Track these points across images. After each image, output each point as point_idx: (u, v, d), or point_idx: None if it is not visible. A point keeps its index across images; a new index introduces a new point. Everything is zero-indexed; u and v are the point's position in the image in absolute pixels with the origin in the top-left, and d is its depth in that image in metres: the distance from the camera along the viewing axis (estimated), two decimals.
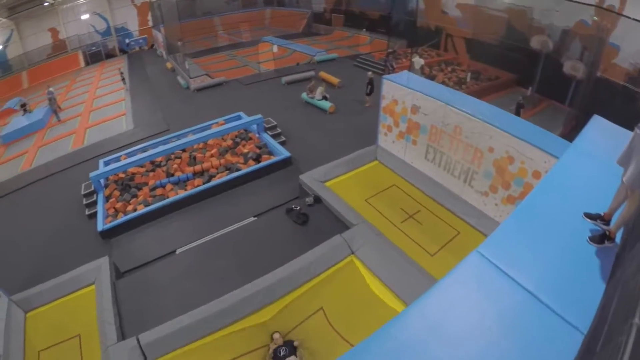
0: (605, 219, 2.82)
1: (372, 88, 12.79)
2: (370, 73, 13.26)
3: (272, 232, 7.20)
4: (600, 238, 2.70)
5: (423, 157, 6.95)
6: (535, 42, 12.19)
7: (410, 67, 13.84)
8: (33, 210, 11.71)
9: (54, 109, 18.52)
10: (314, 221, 7.16)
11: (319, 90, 13.03)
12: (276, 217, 7.57)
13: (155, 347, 5.17)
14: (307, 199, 7.64)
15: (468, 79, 14.50)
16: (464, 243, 5.85)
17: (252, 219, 8.68)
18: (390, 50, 16.29)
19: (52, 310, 6.53)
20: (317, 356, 4.75)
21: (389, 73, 13.09)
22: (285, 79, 15.87)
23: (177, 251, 8.33)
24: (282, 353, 4.53)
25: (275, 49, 17.06)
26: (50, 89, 19.59)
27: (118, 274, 7.55)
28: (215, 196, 9.99)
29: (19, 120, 19.05)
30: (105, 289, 6.46)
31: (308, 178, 7.98)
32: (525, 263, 2.47)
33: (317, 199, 7.52)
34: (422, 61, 14.51)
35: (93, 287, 6.69)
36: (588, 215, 2.89)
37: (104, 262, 7.10)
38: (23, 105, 19.93)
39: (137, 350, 5.14)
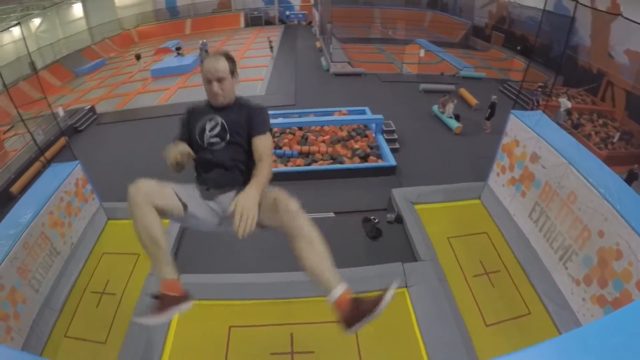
0: None
1: (493, 113, 12.25)
2: (494, 97, 12.60)
3: (340, 235, 7.26)
4: None
5: (527, 214, 6.16)
6: None
7: (557, 113, 12.69)
8: (152, 139, 14.02)
9: (202, 59, 21.55)
10: (385, 240, 7.01)
11: (450, 107, 12.51)
12: (352, 221, 7.62)
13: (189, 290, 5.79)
14: (388, 215, 7.51)
15: (615, 139, 12.43)
16: (528, 326, 5.07)
17: (331, 214, 8.90)
18: (541, 84, 14.73)
19: (127, 226, 7.77)
20: (333, 355, 4.83)
21: (532, 109, 11.89)
22: (423, 86, 15.62)
23: None
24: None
25: (422, 53, 16.88)
26: (204, 41, 22.92)
27: None
28: (309, 180, 10.43)
29: (171, 61, 22.83)
30: (175, 230, 7.45)
31: (399, 194, 7.82)
32: None
33: (399, 219, 7.32)
34: (569, 104, 12.94)
35: (167, 220, 7.74)
36: None
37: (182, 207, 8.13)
38: (178, 49, 23.72)
39: None
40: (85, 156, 13.14)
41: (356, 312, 1.86)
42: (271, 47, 22.24)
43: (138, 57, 22.47)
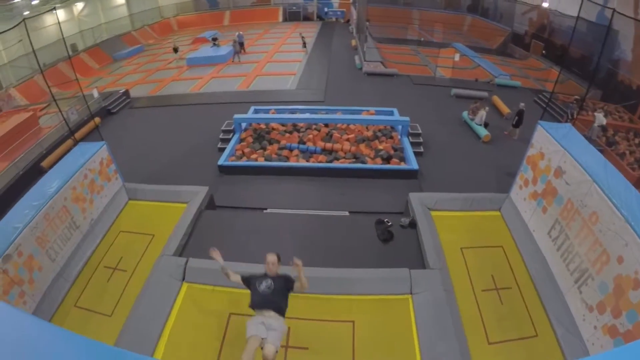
0: None
1: (520, 120, 12.04)
2: (522, 104, 12.26)
3: (351, 234, 7.25)
4: None
5: (547, 231, 5.91)
6: None
7: (591, 128, 12.19)
8: (180, 126, 14.54)
9: (237, 50, 22.03)
10: (396, 244, 6.91)
11: (481, 114, 12.23)
12: (366, 222, 7.57)
13: (196, 274, 6.01)
14: (403, 219, 7.41)
15: None
16: (534, 349, 4.84)
17: (346, 213, 8.92)
18: (577, 97, 14.14)
19: (146, 207, 8.10)
20: (327, 353, 4.83)
21: (566, 121, 11.43)
22: (455, 90, 15.37)
23: (267, 210, 9.23)
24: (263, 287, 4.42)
25: (457, 57, 16.58)
26: (240, 33, 23.34)
27: (211, 205, 8.77)
28: (329, 177, 10.52)
29: (206, 50, 23.46)
30: (191, 211, 7.63)
31: (416, 199, 7.70)
32: None
33: (413, 224, 7.21)
34: (603, 120, 12.38)
35: (185, 205, 7.99)
36: None
37: (202, 190, 8.35)
38: (214, 39, 24.30)
39: (181, 270, 6.03)
40: (115, 137, 13.77)
41: None
42: (304, 44, 22.36)
43: (176, 49, 23.17)
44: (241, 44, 23.17)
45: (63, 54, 22.74)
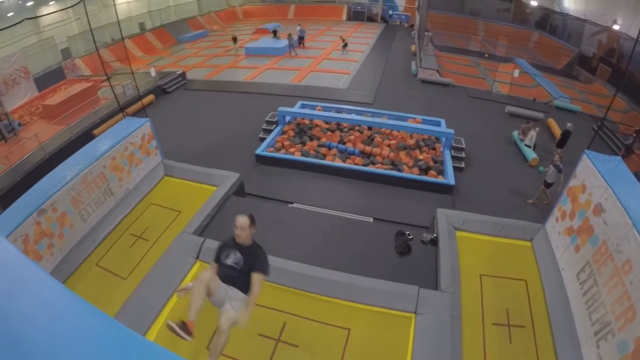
0: None
1: (565, 141, 11.39)
2: (569, 124, 11.52)
3: (370, 242, 7.15)
4: None
5: (576, 272, 5.46)
6: None
7: None
8: (228, 112, 15.06)
9: (294, 44, 22.36)
10: (413, 258, 6.73)
11: (530, 135, 11.57)
12: (388, 231, 7.44)
13: (210, 254, 6.10)
14: (424, 235, 7.20)
15: None
16: None
17: (370, 220, 8.85)
18: (638, 128, 12.98)
19: (179, 184, 8.56)
20: (316, 355, 4.82)
21: (622, 155, 10.51)
22: (509, 108, 14.66)
23: (292, 205, 9.35)
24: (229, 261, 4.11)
25: (517, 73, 15.80)
26: (301, 27, 23.65)
27: (241, 191, 9.01)
28: (361, 181, 10.47)
29: (266, 42, 24.05)
30: (219, 195, 7.91)
31: (443, 215, 7.43)
32: None
33: (435, 241, 6.99)
34: None
35: (214, 188, 8.28)
36: None
37: (233, 176, 8.62)
38: (275, 32, 24.79)
39: (197, 248, 6.31)
40: (165, 116, 14.54)
41: None
42: (345, 45, 22.26)
43: (235, 39, 23.90)
44: (301, 39, 23.50)
45: (132, 31, 24.36)
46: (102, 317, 2.59)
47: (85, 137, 11.86)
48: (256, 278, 3.95)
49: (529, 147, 11.61)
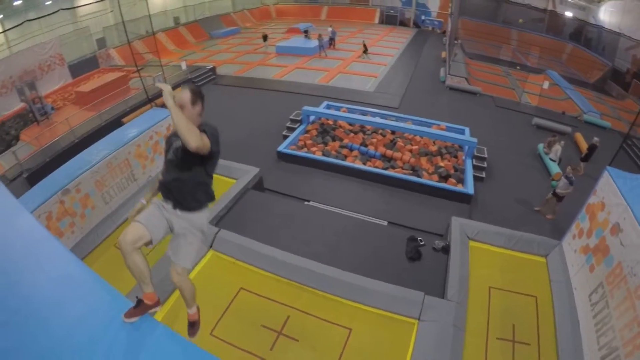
0: None
1: (590, 155, 11.13)
2: (596, 139, 11.21)
3: (382, 245, 7.14)
4: None
5: (588, 292, 5.26)
6: None
7: None
8: (254, 108, 15.31)
9: (324, 45, 22.45)
10: (422, 265, 6.65)
11: (556, 149, 11.20)
12: (399, 236, 7.40)
13: (223, 244, 6.43)
14: (437, 242, 7.12)
15: None
16: None
17: (384, 223, 8.82)
18: None
19: None
20: (315, 351, 4.87)
21: None
22: (537, 120, 14.24)
23: (309, 202, 9.41)
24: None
25: (546, 85, 15.31)
26: (332, 29, 23.70)
27: (259, 186, 9.15)
28: (381, 184, 10.44)
29: (297, 41, 24.23)
30: (237, 188, 8.11)
31: (458, 224, 7.32)
32: None
33: (446, 249, 6.90)
34: None
35: (234, 181, 8.46)
36: None
37: (253, 171, 8.78)
38: (306, 31, 24.98)
39: (211, 237, 6.47)
40: None
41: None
42: (365, 50, 22.15)
43: (265, 37, 24.20)
44: (332, 40, 23.57)
45: (166, 24, 25.00)
46: (113, 293, 2.74)
47: (114, 124, 12.28)
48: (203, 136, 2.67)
49: (553, 161, 11.26)
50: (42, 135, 12.50)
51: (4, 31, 16.93)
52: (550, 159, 11.27)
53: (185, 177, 2.79)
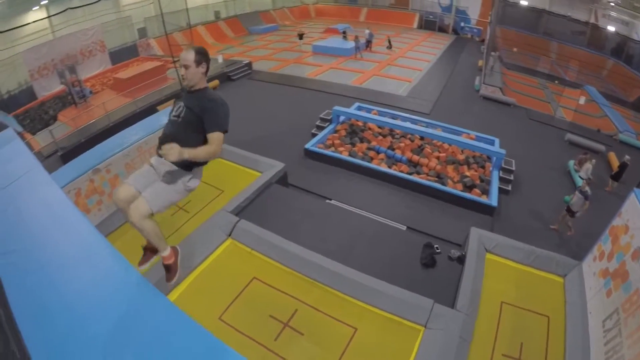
0: None
1: (621, 174, 10.79)
2: (628, 157, 10.85)
3: (398, 249, 7.11)
4: None
5: (602, 318, 5.04)
6: None
7: None
8: (286, 104, 15.50)
9: (360, 47, 22.37)
10: (435, 272, 6.56)
11: (586, 167, 10.73)
12: (416, 242, 7.33)
13: (241, 234, 6.59)
14: (453, 251, 7.00)
15: None
16: None
17: (403, 227, 8.76)
18: None
19: (227, 166, 8.97)
20: (318, 346, 4.92)
21: None
22: (570, 136, 13.69)
23: (330, 201, 9.47)
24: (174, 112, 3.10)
25: (582, 101, 14.70)
26: (369, 31, 23.57)
27: (284, 181, 9.27)
28: (403, 189, 10.38)
29: (334, 41, 24.27)
30: (261, 181, 8.23)
31: (476, 235, 7.16)
32: None
33: (462, 259, 6.79)
34: None
35: (259, 174, 8.62)
36: None
37: (278, 165, 8.90)
38: (344, 32, 24.94)
39: (230, 226, 6.66)
40: (227, 101, 15.15)
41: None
42: (389, 47, 21.74)
43: (301, 36, 24.35)
44: (369, 42, 23.46)
45: (207, 18, 25.54)
46: (130, 270, 2.88)
47: (149, 111, 12.74)
48: (210, 137, 2.85)
49: (583, 179, 10.83)
50: (79, 117, 13.13)
51: (47, 17, 17.76)
52: (580, 177, 10.85)
53: (182, 137, 2.77)
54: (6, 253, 2.66)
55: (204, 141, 2.88)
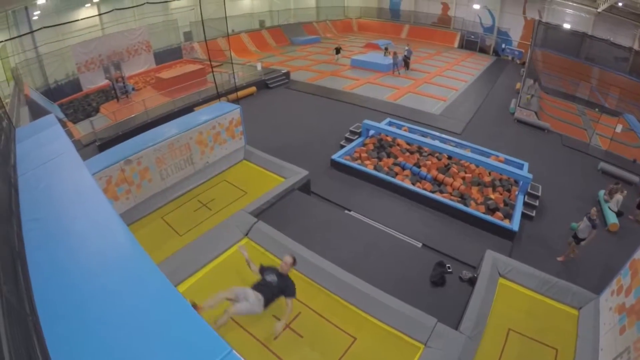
0: None
1: None
2: None
3: (410, 265, 7.02)
4: None
5: (612, 356, 4.75)
6: None
7: None
8: (319, 115, 15.69)
9: (398, 63, 22.27)
10: (444, 292, 6.40)
11: (617, 198, 10.08)
12: (430, 259, 7.25)
13: (258, 234, 6.79)
14: (464, 272, 6.85)
15: None
16: None
17: (418, 244, 8.64)
18: None
19: (253, 169, 9.29)
20: (315, 351, 4.94)
21: None
22: (603, 165, 12.95)
23: (350, 212, 9.49)
24: (268, 278, 5.07)
25: (619, 129, 13.89)
26: (409, 48, 23.43)
27: (306, 188, 9.38)
28: (425, 206, 10.20)
29: (373, 56, 24.25)
30: (284, 186, 8.41)
31: (491, 258, 6.94)
32: None
33: (473, 281, 6.62)
34: None
35: (282, 180, 8.79)
36: None
37: (302, 173, 9.04)
38: (386, 48, 24.89)
39: (248, 226, 6.87)
40: (261, 108, 15.61)
41: None
42: (407, 62, 21.70)
43: (338, 50, 24.44)
44: (407, 59, 23.35)
45: (251, 26, 26.19)
46: (144, 258, 3.03)
47: (186, 111, 13.15)
48: (290, 300, 4.96)
49: (613, 211, 10.25)
50: (120, 111, 13.78)
51: (96, 15, 18.79)
52: (609, 208, 10.28)
53: (272, 294, 4.91)
54: (33, 220, 3.27)
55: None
